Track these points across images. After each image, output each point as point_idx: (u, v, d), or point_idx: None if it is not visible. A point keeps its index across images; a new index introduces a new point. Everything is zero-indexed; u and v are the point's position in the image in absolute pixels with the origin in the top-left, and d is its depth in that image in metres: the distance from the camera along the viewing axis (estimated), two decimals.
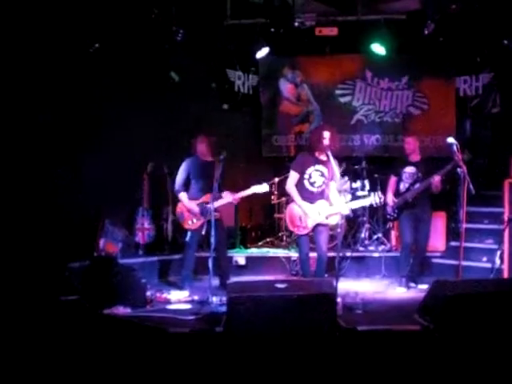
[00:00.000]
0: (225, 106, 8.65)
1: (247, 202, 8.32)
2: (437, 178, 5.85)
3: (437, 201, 6.36)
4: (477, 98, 8.27)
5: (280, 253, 7.41)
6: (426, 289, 5.35)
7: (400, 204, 6.18)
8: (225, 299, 4.44)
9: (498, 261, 6.04)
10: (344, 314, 4.80)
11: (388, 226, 7.57)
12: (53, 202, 6.15)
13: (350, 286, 6.18)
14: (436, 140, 8.24)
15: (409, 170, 6.23)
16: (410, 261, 6.22)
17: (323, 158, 5.68)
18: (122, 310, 4.98)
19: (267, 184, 6.04)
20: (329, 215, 5.61)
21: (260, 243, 8.07)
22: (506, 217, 6.07)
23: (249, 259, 7.28)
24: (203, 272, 6.02)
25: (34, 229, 5.79)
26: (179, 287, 6.05)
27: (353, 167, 7.96)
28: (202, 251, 6.47)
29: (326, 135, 5.62)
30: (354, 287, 6.14)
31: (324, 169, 5.67)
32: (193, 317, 4.88)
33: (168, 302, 5.55)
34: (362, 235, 7.63)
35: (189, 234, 6.02)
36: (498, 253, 6.07)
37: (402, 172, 6.27)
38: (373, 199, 5.53)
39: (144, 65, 7.26)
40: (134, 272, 5.53)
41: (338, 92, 8.70)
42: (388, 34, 7.87)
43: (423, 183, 6.04)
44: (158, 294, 5.66)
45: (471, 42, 7.86)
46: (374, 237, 7.64)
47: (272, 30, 7.41)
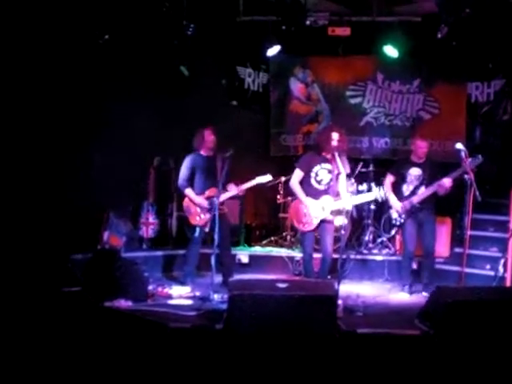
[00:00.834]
0: (233, 103, 8.62)
1: (253, 200, 8.33)
2: (449, 182, 5.69)
3: (442, 206, 6.30)
4: (488, 105, 8.19)
5: (283, 252, 7.40)
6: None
7: (407, 209, 5.99)
8: (226, 297, 4.44)
9: (501, 269, 5.99)
10: (344, 316, 4.80)
11: (394, 233, 7.36)
12: (59, 193, 6.18)
13: (352, 289, 6.18)
14: (445, 145, 8.13)
15: (414, 173, 6.04)
16: (413, 267, 6.17)
17: (330, 157, 5.67)
18: (123, 303, 5.01)
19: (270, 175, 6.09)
20: (333, 210, 5.59)
21: (264, 242, 8.05)
22: (511, 225, 6.04)
23: (252, 257, 7.26)
24: (206, 268, 6.04)
25: (39, 219, 5.82)
26: (181, 282, 6.06)
27: (360, 169, 7.92)
28: (205, 247, 6.48)
29: (335, 136, 5.60)
30: (355, 290, 6.14)
31: (331, 166, 5.66)
32: (194, 313, 4.90)
33: (169, 296, 5.57)
34: (366, 238, 7.59)
35: (197, 229, 6.01)
36: (502, 261, 6.02)
37: (406, 174, 6.08)
38: (377, 193, 5.51)
39: (153, 58, 7.24)
40: (137, 266, 5.57)
41: (349, 93, 8.62)
42: (401, 37, 7.80)
43: (431, 187, 5.86)
44: (159, 289, 5.69)
45: (484, 48, 7.79)
46: (378, 240, 7.59)
47: (283, 27, 7.35)
